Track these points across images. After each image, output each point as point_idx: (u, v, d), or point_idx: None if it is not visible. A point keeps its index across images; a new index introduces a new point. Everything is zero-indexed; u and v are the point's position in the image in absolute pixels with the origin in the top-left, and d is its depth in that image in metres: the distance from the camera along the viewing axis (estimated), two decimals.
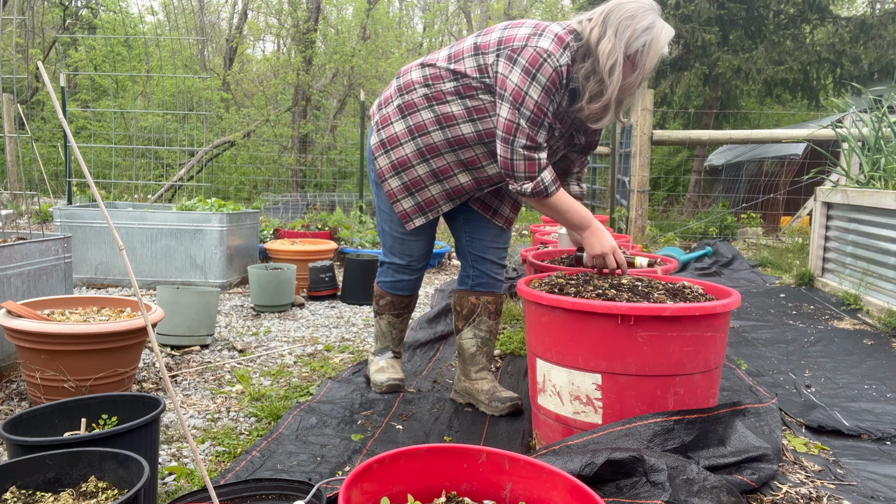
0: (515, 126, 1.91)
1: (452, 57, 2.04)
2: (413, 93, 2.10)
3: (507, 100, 1.91)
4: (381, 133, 2.19)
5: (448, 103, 2.04)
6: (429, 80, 2.07)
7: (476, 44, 2.01)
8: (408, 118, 2.11)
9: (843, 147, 4.66)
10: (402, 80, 2.16)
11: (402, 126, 2.13)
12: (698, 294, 1.93)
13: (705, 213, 8.53)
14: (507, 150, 1.95)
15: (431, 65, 2.08)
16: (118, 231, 4.32)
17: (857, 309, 3.73)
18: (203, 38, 16.24)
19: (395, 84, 2.19)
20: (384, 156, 2.19)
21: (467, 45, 2.04)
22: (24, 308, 2.27)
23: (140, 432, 1.49)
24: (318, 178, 12.98)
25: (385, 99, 2.21)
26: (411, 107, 2.10)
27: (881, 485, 1.76)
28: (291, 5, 14.27)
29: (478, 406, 2.33)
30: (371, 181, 2.32)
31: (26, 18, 9.35)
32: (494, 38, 1.97)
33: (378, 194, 2.30)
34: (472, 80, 1.99)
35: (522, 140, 1.92)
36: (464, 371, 2.40)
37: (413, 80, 2.11)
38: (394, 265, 2.41)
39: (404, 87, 2.12)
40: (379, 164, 2.22)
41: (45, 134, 13.02)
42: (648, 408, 1.72)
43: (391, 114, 2.15)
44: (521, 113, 1.89)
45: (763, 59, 8.72)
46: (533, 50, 1.87)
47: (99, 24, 15.24)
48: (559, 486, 1.26)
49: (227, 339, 3.23)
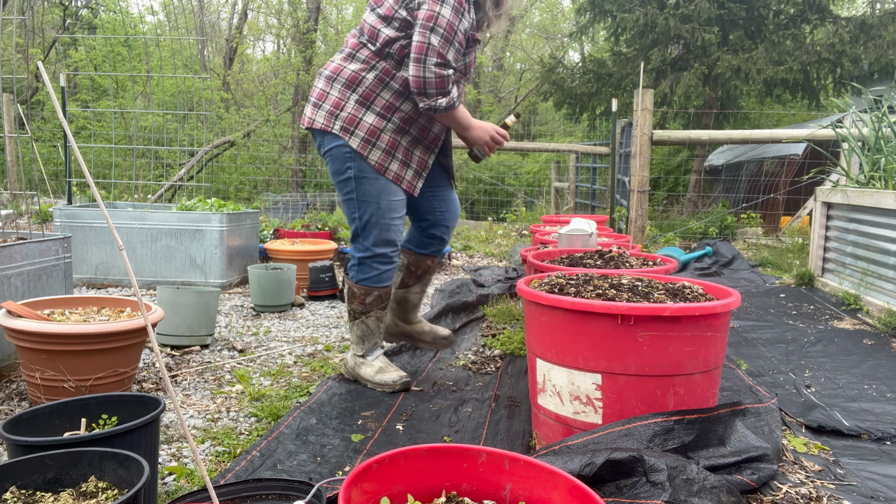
0: (426, 46, 2.12)
1: (379, 24, 2.28)
2: (364, 81, 2.31)
3: (419, 25, 2.14)
4: (356, 131, 2.32)
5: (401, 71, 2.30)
6: (373, 61, 2.31)
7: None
8: (374, 100, 2.31)
9: (843, 147, 4.66)
10: (342, 77, 2.34)
11: (373, 114, 2.31)
12: (698, 294, 1.94)
13: (705, 213, 8.53)
14: (419, 69, 2.14)
15: (363, 47, 2.32)
16: (118, 231, 4.32)
17: (857, 309, 3.73)
18: (203, 38, 16.24)
19: (336, 86, 2.36)
20: (372, 149, 2.32)
21: (385, 6, 2.26)
22: (24, 308, 2.27)
23: (140, 432, 1.49)
24: (318, 178, 12.99)
25: (334, 103, 2.35)
26: (371, 91, 2.31)
27: (881, 485, 1.76)
28: (291, 5, 14.28)
29: (420, 345, 2.79)
30: (345, 179, 2.35)
31: (26, 18, 9.35)
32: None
33: (358, 186, 2.34)
34: (410, 31, 2.21)
35: (433, 59, 2.13)
36: (403, 318, 2.72)
37: (357, 71, 2.32)
38: (379, 257, 2.41)
39: (352, 82, 2.32)
40: (371, 158, 2.32)
41: (45, 134, 13.02)
42: (648, 408, 1.72)
43: (355, 109, 2.33)
44: (433, 32, 2.12)
45: (763, 59, 8.71)
46: None
47: (99, 24, 15.24)
48: (559, 486, 1.26)
49: (227, 339, 3.23)
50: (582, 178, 10.73)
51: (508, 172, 13.74)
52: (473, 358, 2.96)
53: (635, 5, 9.31)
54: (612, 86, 9.94)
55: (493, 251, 6.89)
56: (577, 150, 9.50)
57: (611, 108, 7.35)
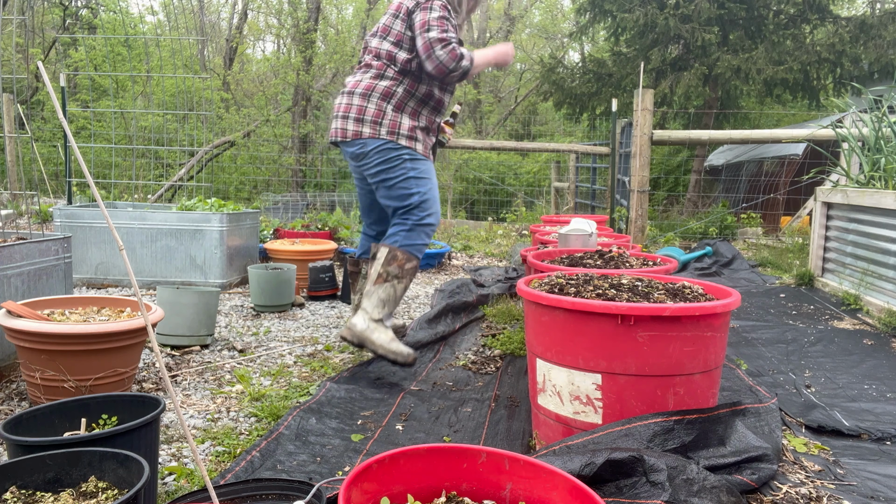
0: (428, 42, 2.52)
1: (395, 46, 2.68)
2: (395, 94, 2.71)
3: (417, 33, 2.56)
4: (400, 132, 2.71)
5: (418, 76, 2.71)
6: (400, 76, 2.71)
7: (400, 21, 2.66)
8: (407, 105, 2.73)
9: (843, 147, 4.66)
10: (377, 92, 2.71)
11: (407, 116, 2.72)
12: (698, 294, 1.94)
13: (705, 213, 8.53)
14: (433, 62, 2.53)
15: (386, 66, 2.71)
16: (118, 231, 4.32)
17: (857, 309, 3.73)
18: (203, 38, 16.25)
19: (374, 101, 2.71)
20: (415, 142, 2.72)
21: (395, 31, 2.67)
22: (24, 308, 2.27)
23: (140, 432, 1.49)
24: (318, 178, 12.99)
25: (375, 114, 2.70)
26: (402, 101, 2.72)
27: (881, 485, 1.76)
28: (291, 5, 14.28)
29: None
30: (397, 177, 2.66)
31: (26, 18, 9.36)
32: (409, 3, 2.63)
33: (415, 166, 2.68)
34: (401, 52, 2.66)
35: (437, 47, 2.51)
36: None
37: (388, 87, 2.71)
38: (429, 227, 2.67)
39: (387, 94, 2.71)
40: (417, 148, 2.71)
41: (45, 134, 13.02)
42: (648, 408, 1.72)
43: (394, 116, 2.72)
44: (428, 31, 2.52)
45: (763, 59, 8.71)
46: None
47: (99, 24, 15.24)
48: (559, 487, 1.26)
49: (227, 339, 3.23)
50: (582, 178, 10.73)
51: (508, 172, 13.74)
52: (473, 358, 2.96)
53: (635, 5, 9.31)
54: (612, 86, 9.94)
55: (493, 251, 6.89)
56: (577, 150, 9.50)
57: (611, 108, 7.35)
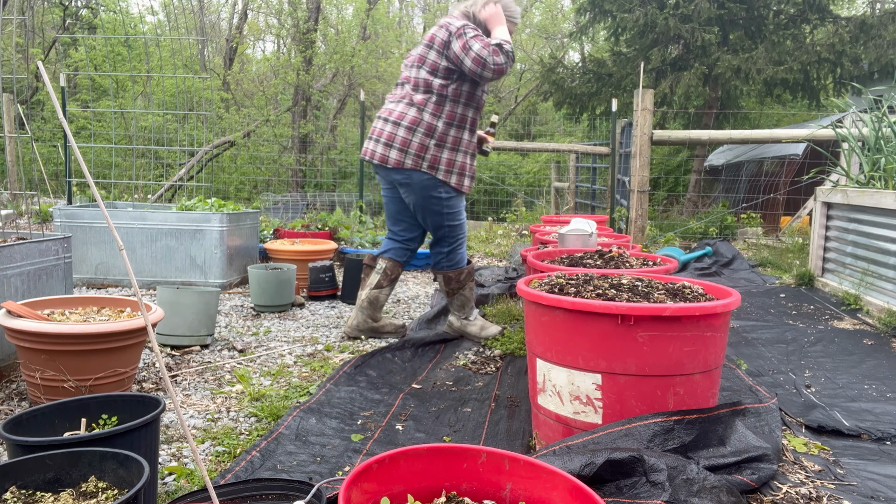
0: (477, 56, 2.79)
1: (435, 77, 2.95)
2: (436, 129, 2.98)
3: (462, 57, 2.83)
4: (439, 167, 3.01)
5: (455, 107, 3.01)
6: (440, 111, 2.98)
7: (437, 52, 2.92)
8: (448, 138, 3.01)
9: (843, 147, 4.66)
10: (421, 128, 2.97)
11: (448, 150, 3.02)
12: (698, 294, 1.94)
13: (705, 213, 8.53)
14: (489, 69, 2.80)
15: (428, 101, 2.96)
16: (118, 231, 4.32)
17: (857, 309, 3.73)
18: (203, 38, 16.25)
19: (418, 134, 2.97)
20: (451, 175, 3.04)
21: (430, 62, 2.94)
22: (24, 308, 2.27)
23: (140, 432, 1.49)
24: (318, 178, 12.99)
25: (418, 148, 2.98)
26: (444, 134, 3.00)
27: (881, 485, 1.76)
28: (291, 5, 14.28)
29: (383, 336, 3.28)
30: (435, 211, 3.06)
31: (26, 18, 9.36)
32: (442, 35, 2.88)
33: (448, 204, 3.06)
34: (455, 73, 2.93)
35: (485, 52, 2.78)
36: (372, 316, 3.25)
37: (430, 122, 2.97)
38: (461, 246, 3.20)
39: (430, 129, 2.98)
40: (452, 181, 3.04)
41: (45, 134, 13.02)
42: (648, 408, 1.72)
43: (436, 150, 2.99)
44: (471, 48, 2.80)
45: (763, 59, 8.71)
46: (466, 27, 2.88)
47: (99, 24, 15.24)
48: (559, 487, 1.26)
49: (227, 339, 3.23)
50: (582, 178, 10.73)
51: (508, 172, 13.73)
52: (473, 358, 2.97)
53: (635, 5, 9.31)
54: (612, 86, 9.94)
55: (493, 251, 6.89)
56: (577, 150, 9.50)
57: (611, 108, 7.35)
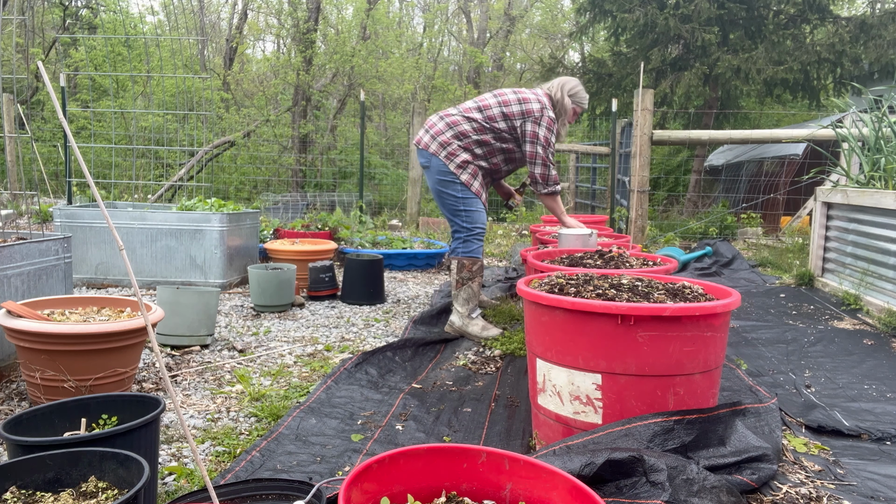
0: (545, 157, 3.24)
1: (488, 119, 3.26)
2: (468, 137, 3.26)
3: (528, 139, 3.24)
4: (454, 160, 3.27)
5: (490, 143, 3.30)
6: (477, 131, 3.27)
7: (504, 112, 3.25)
8: (470, 150, 3.29)
9: (843, 147, 4.65)
10: (456, 129, 3.27)
11: (467, 154, 3.29)
12: (698, 294, 1.93)
13: (705, 213, 8.53)
14: (543, 170, 3.26)
15: (475, 120, 3.26)
16: (118, 231, 4.32)
17: (857, 309, 3.73)
18: (203, 38, 16.25)
19: (449, 132, 3.27)
20: (463, 172, 3.29)
21: (496, 112, 3.25)
22: (24, 308, 2.27)
23: (140, 432, 1.49)
24: (318, 178, 12.99)
25: (445, 140, 3.27)
26: (469, 144, 3.27)
27: (881, 485, 1.76)
28: (291, 5, 14.27)
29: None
30: (449, 194, 3.27)
31: (26, 18, 9.37)
32: (517, 109, 3.23)
33: (463, 196, 3.28)
34: (505, 133, 3.28)
35: (550, 165, 3.27)
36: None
37: (466, 130, 3.26)
38: (478, 234, 3.31)
39: (461, 134, 3.26)
40: (462, 178, 3.29)
41: (45, 134, 13.02)
42: (648, 408, 1.72)
43: (456, 149, 3.26)
44: (544, 147, 3.24)
45: (763, 59, 8.71)
46: (543, 116, 3.24)
47: (99, 24, 15.23)
48: (559, 487, 1.26)
49: (227, 339, 3.23)
50: (582, 178, 10.73)
51: None
52: (473, 358, 2.97)
53: (635, 5, 9.31)
54: (612, 86, 9.94)
55: (493, 251, 6.89)
56: (577, 150, 9.50)
57: (611, 108, 7.35)
